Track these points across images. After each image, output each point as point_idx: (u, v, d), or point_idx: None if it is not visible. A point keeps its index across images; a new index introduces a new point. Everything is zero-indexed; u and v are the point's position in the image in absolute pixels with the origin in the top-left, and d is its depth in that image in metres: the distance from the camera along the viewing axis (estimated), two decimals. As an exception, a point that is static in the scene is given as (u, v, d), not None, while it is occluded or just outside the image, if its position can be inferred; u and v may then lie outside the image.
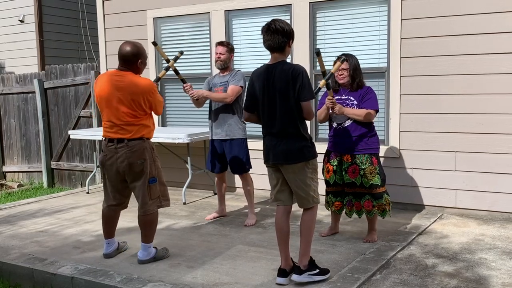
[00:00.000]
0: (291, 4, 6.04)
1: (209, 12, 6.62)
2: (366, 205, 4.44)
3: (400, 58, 5.47)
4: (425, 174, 5.51)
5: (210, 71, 6.67)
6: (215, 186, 5.74)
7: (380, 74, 5.65)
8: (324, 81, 4.07)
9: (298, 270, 3.62)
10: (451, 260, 4.07)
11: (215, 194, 6.29)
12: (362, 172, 4.38)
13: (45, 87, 8.96)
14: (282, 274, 3.65)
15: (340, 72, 4.38)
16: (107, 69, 7.48)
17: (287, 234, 3.69)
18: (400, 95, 5.52)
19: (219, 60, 5.18)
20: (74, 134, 7.26)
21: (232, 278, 3.78)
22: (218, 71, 5.30)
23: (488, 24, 5.05)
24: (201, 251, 4.40)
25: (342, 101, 4.42)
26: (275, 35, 3.53)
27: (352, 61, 4.41)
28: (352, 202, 4.51)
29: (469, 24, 5.14)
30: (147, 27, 7.12)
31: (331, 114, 4.45)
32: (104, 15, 7.52)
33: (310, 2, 5.92)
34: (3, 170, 9.83)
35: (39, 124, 9.04)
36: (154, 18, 7.07)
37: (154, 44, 5.03)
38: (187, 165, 6.40)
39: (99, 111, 4.17)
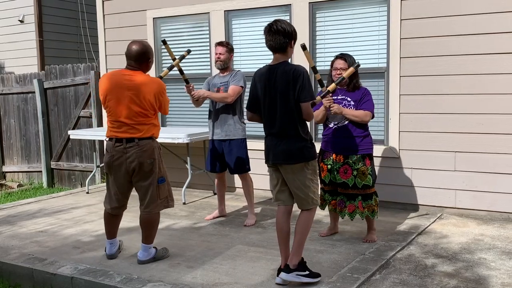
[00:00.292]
0: (290, 4, 6.04)
1: (208, 12, 6.62)
2: (359, 206, 4.45)
3: (400, 58, 5.48)
4: (424, 174, 5.51)
5: (210, 71, 6.68)
6: (215, 186, 5.74)
7: (380, 74, 5.66)
8: (334, 85, 4.06)
9: (287, 269, 3.60)
10: (451, 260, 4.07)
11: (215, 194, 6.29)
12: (355, 172, 4.39)
13: (45, 87, 8.96)
14: (282, 274, 3.65)
15: (338, 71, 4.38)
16: (107, 69, 7.48)
17: (287, 234, 3.69)
18: (400, 95, 5.53)
19: (218, 60, 5.19)
20: (74, 134, 7.26)
21: (231, 278, 3.79)
22: (218, 71, 5.31)
23: (488, 24, 5.05)
24: (200, 251, 4.40)
25: (338, 101, 4.41)
26: (276, 35, 3.52)
27: (350, 61, 4.42)
28: (345, 203, 4.51)
29: (470, 24, 5.13)
30: (147, 27, 7.12)
31: (328, 114, 4.45)
32: (104, 15, 7.53)
33: (309, 2, 5.92)
34: (3, 170, 9.84)
35: (39, 124, 9.05)
36: (154, 18, 7.07)
37: (164, 42, 5.04)
38: (186, 165, 6.40)
39: (99, 111, 4.16)
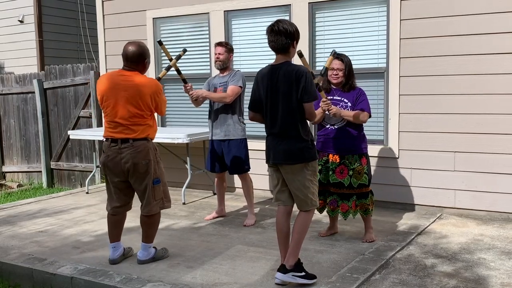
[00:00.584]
0: (290, 4, 6.03)
1: (208, 13, 6.62)
2: (353, 205, 4.45)
3: (399, 58, 5.48)
4: (424, 174, 5.51)
5: (209, 71, 6.68)
6: (215, 186, 5.74)
7: (379, 74, 5.66)
8: (320, 77, 4.14)
9: (283, 269, 3.59)
10: (450, 260, 4.08)
11: (215, 194, 6.29)
12: (351, 172, 4.39)
13: (44, 87, 8.96)
14: (282, 274, 3.65)
15: (335, 71, 4.39)
16: (106, 69, 7.48)
17: (287, 235, 3.70)
18: (399, 95, 5.53)
19: (218, 61, 5.19)
20: (73, 134, 7.26)
21: (231, 278, 3.79)
22: (218, 71, 5.32)
23: (489, 24, 5.05)
24: (200, 251, 4.40)
25: (335, 101, 4.41)
26: (278, 36, 3.51)
27: (347, 60, 4.42)
28: (338, 203, 4.51)
29: (470, 24, 5.13)
30: (147, 27, 7.12)
31: (325, 115, 4.44)
32: (103, 16, 7.53)
33: (309, 2, 5.92)
34: (3, 170, 9.84)
35: (39, 124, 9.05)
36: (153, 18, 7.07)
37: (160, 43, 5.04)
38: (186, 165, 6.40)
39: (99, 111, 4.16)
